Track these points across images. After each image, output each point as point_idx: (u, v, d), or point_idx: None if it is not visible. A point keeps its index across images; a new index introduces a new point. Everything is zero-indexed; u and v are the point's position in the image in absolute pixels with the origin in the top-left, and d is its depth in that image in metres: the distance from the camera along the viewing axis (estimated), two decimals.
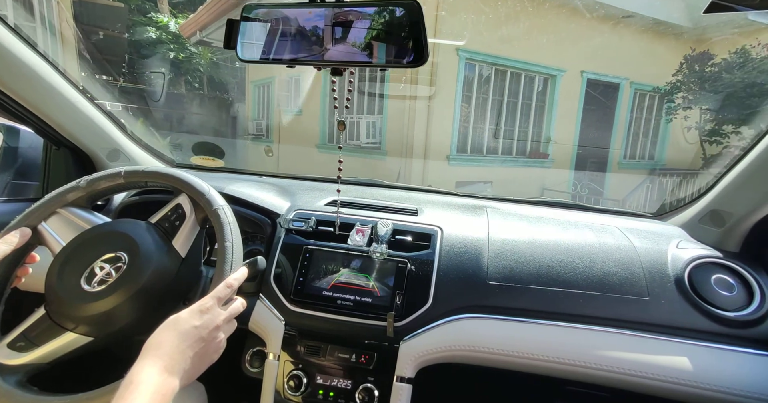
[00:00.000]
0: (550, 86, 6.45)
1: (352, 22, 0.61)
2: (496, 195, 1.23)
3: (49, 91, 0.96)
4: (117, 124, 1.17)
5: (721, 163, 0.96)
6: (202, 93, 7.50)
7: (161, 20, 7.06)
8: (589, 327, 0.81)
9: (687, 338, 0.78)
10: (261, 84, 7.57)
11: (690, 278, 0.84)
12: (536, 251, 0.90)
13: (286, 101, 7.19)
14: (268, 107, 7.58)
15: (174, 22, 7.16)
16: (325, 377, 0.83)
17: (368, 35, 0.60)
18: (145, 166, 0.78)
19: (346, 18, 0.61)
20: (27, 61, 0.89)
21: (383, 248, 0.88)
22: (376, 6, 0.59)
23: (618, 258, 0.88)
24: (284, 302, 0.87)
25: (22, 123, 1.04)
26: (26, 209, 0.74)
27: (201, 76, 7.34)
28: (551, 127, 6.57)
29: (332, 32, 0.62)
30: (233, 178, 1.25)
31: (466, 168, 5.96)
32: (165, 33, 7.04)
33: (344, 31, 0.61)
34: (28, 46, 0.89)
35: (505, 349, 0.80)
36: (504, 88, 6.13)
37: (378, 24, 0.60)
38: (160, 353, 0.53)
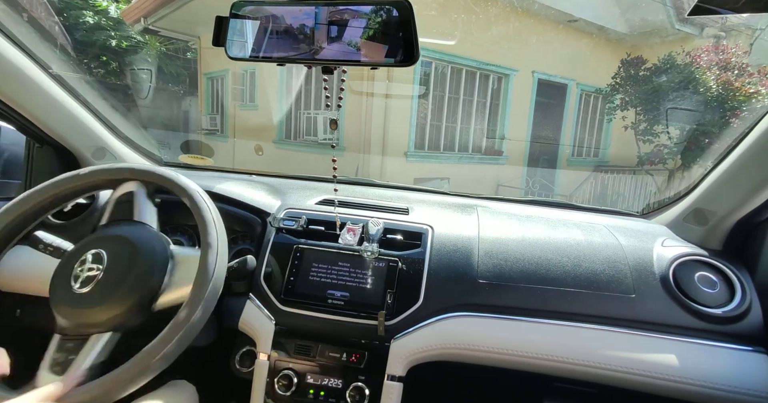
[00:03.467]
0: (504, 85, 6.60)
1: (342, 21, 0.60)
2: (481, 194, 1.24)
3: (30, 87, 0.94)
4: (103, 121, 1.15)
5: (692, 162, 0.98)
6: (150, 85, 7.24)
7: (99, 4, 6.66)
8: (577, 324, 0.82)
9: (672, 334, 0.80)
10: (215, 77, 7.33)
11: (675, 276, 0.86)
12: (526, 249, 0.91)
13: (241, 95, 6.98)
14: (222, 101, 7.36)
15: (115, 6, 6.75)
16: (316, 377, 0.83)
17: (359, 34, 0.60)
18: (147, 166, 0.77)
19: (337, 16, 0.61)
20: (7, 56, 0.87)
21: (374, 247, 0.88)
22: (367, 4, 0.59)
23: (605, 256, 0.90)
24: (274, 302, 0.87)
25: (3, 120, 1.01)
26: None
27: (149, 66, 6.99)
28: (505, 125, 6.72)
29: (323, 30, 0.61)
30: (223, 176, 1.23)
31: (424, 164, 6.05)
32: (105, 18, 6.63)
33: (335, 30, 0.61)
34: (9, 40, 0.87)
35: (495, 347, 0.81)
36: (460, 86, 6.24)
37: (369, 22, 0.60)
38: None
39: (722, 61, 5.53)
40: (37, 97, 0.97)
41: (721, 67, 5.53)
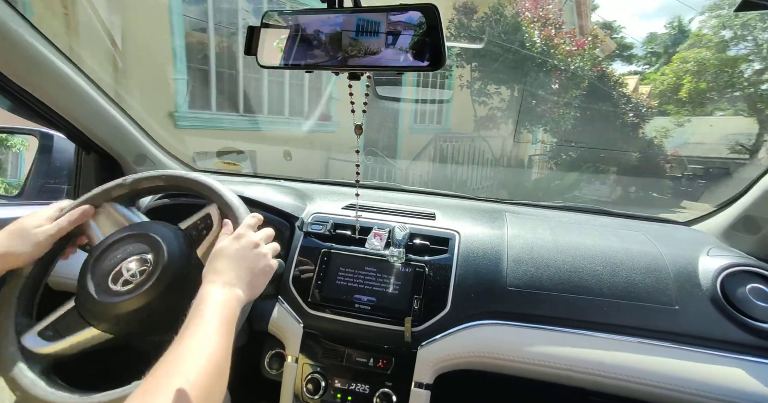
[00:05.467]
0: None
1: (369, 27, 0.61)
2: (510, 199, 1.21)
3: (81, 98, 1.01)
4: (142, 130, 1.21)
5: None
6: None
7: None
8: (613, 336, 0.78)
9: (720, 350, 0.75)
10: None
11: (723, 287, 0.80)
12: (557, 256, 0.88)
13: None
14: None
15: None
16: (343, 381, 0.83)
17: (385, 39, 0.60)
18: (184, 171, 0.81)
19: (364, 23, 0.61)
20: (61, 70, 0.93)
21: (401, 252, 0.87)
22: (394, 11, 0.59)
23: (644, 265, 0.85)
24: (303, 305, 0.88)
25: (56, 129, 1.08)
26: (77, 200, 0.79)
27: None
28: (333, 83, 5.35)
29: (349, 37, 0.62)
30: (253, 181, 1.27)
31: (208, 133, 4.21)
32: None
33: (361, 36, 0.62)
34: (61, 54, 0.93)
35: (525, 357, 0.78)
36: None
37: (395, 28, 0.60)
38: (217, 275, 0.61)
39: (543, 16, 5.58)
40: (86, 108, 1.03)
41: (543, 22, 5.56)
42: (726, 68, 13.56)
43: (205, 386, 0.46)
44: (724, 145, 14.81)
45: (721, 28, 13.56)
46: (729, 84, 13.93)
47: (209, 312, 0.55)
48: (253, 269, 0.65)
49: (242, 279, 0.62)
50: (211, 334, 0.52)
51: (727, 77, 13.53)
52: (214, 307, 0.56)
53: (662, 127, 13.15)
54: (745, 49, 13.10)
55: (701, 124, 15.55)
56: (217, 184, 0.78)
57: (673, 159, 12.38)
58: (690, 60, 13.59)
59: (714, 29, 13.70)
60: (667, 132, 13.38)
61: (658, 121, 13.33)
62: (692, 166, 13.13)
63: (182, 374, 0.46)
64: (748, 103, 14.15)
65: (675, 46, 17.31)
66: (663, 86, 14.08)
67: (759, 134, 13.50)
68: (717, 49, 13.56)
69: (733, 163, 13.90)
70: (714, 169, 13.16)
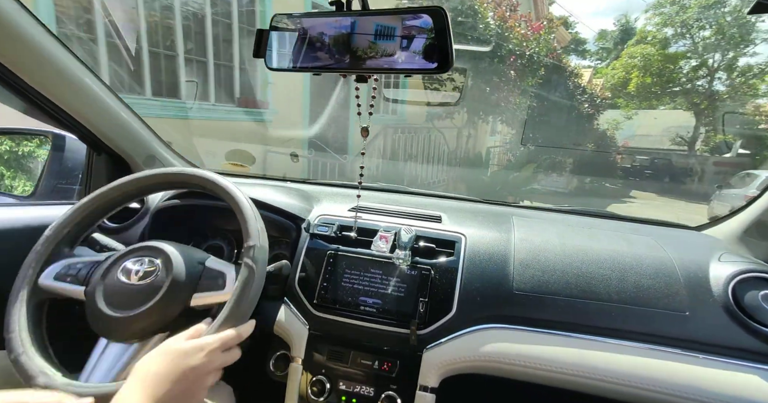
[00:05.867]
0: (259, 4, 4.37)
1: (377, 30, 0.61)
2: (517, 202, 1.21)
3: (92, 100, 1.02)
4: (152, 131, 1.22)
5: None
6: None
7: None
8: (622, 342, 0.77)
9: (731, 357, 0.73)
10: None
11: (735, 294, 0.79)
12: (565, 260, 0.87)
13: None
14: None
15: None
16: (348, 384, 0.83)
17: (394, 42, 0.61)
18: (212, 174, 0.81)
19: (372, 26, 0.61)
20: (73, 72, 0.95)
21: (407, 255, 0.87)
22: (402, 13, 0.59)
23: (654, 270, 0.84)
24: (308, 307, 0.88)
25: (68, 130, 1.10)
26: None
27: None
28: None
29: (358, 40, 0.62)
30: (260, 183, 1.28)
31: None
32: None
33: (370, 39, 0.62)
34: (74, 56, 0.95)
35: (532, 361, 0.77)
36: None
37: (403, 31, 0.60)
38: (148, 382, 0.53)
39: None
40: (98, 110, 1.05)
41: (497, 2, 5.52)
42: (668, 64, 14.03)
43: None
44: (667, 137, 15.23)
45: (663, 25, 14.06)
46: (670, 79, 14.38)
47: None
48: (186, 396, 0.56)
49: (171, 398, 0.54)
50: None
51: (669, 73, 14.09)
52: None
53: (614, 119, 13.83)
54: (684, 46, 13.88)
55: (647, 117, 15.88)
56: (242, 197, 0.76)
57: (623, 150, 12.84)
58: (636, 55, 14.20)
59: (657, 26, 14.30)
60: (618, 124, 13.80)
61: (609, 114, 13.61)
62: (640, 157, 13.69)
63: None
64: (686, 97, 14.49)
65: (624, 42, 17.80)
66: (614, 80, 14.66)
67: (695, 127, 14.16)
68: (660, 46, 14.09)
69: (674, 155, 14.55)
70: (658, 160, 13.75)
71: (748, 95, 13.51)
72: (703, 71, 13.91)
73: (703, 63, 13.79)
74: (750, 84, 13.44)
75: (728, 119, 13.14)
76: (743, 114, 13.24)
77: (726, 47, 13.35)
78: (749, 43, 13.16)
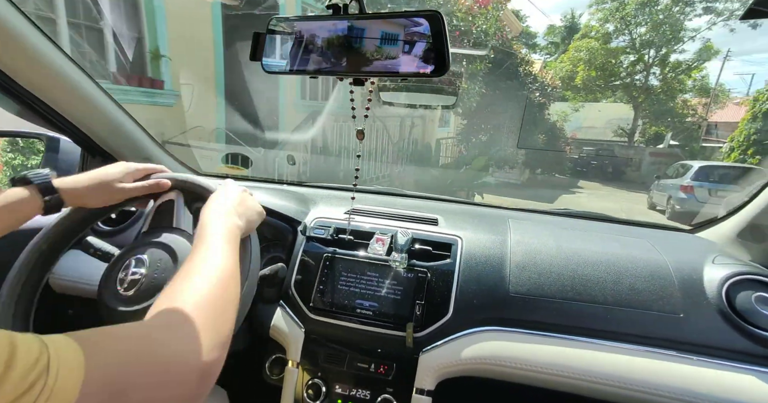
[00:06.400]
0: None
1: (374, 34, 0.61)
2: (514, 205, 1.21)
3: (86, 102, 1.02)
4: (147, 134, 1.22)
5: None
6: None
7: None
8: (617, 344, 0.77)
9: (725, 359, 0.74)
10: None
11: (728, 296, 0.79)
12: (560, 263, 0.87)
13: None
14: None
15: None
16: (344, 387, 0.83)
17: (390, 46, 0.61)
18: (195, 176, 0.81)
19: (369, 29, 0.62)
20: (67, 74, 0.95)
21: (403, 258, 0.87)
22: (399, 17, 0.60)
23: (649, 273, 0.84)
24: (304, 310, 0.88)
25: (62, 133, 1.09)
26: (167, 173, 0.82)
27: None
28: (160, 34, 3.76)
29: (354, 43, 0.62)
30: (256, 186, 1.27)
31: None
32: None
33: (366, 43, 0.62)
34: (68, 58, 0.94)
35: (528, 363, 0.77)
36: None
37: (400, 34, 0.60)
38: (214, 209, 0.63)
39: None
40: (92, 112, 1.04)
41: None
42: (610, 58, 14.86)
43: (215, 300, 0.47)
44: (609, 129, 15.85)
45: (605, 21, 14.84)
46: (612, 73, 15.23)
47: (211, 237, 0.57)
48: (246, 207, 0.69)
49: (237, 212, 0.66)
50: (217, 253, 0.54)
51: (611, 67, 14.94)
52: (217, 229, 0.58)
53: (562, 111, 14.57)
54: (623, 42, 14.76)
55: (592, 110, 16.93)
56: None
57: (572, 142, 13.35)
58: (582, 49, 14.99)
59: (600, 22, 15.09)
60: (566, 116, 14.57)
61: (559, 106, 14.34)
62: (586, 148, 14.61)
63: (193, 291, 0.47)
64: (626, 91, 15.32)
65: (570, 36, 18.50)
66: (562, 73, 15.32)
67: (634, 119, 15.08)
68: (603, 40, 14.90)
69: (616, 146, 15.24)
70: (602, 151, 14.71)
71: (677, 90, 14.61)
72: (640, 66, 14.82)
73: (640, 58, 14.68)
74: (679, 79, 14.55)
75: (661, 112, 14.24)
76: (674, 108, 14.33)
77: (659, 44, 14.29)
78: (679, 41, 14.20)
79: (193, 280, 0.48)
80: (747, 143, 9.73)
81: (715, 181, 7.19)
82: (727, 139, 11.36)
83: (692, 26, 14.16)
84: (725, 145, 11.21)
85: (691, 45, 21.75)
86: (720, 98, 16.06)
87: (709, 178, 7.25)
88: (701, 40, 14.49)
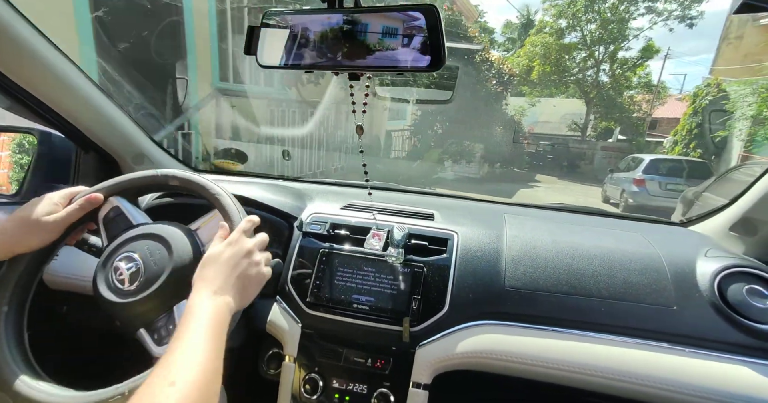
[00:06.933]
0: None
1: (369, 27, 0.61)
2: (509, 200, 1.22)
3: (79, 97, 1.00)
4: (141, 128, 1.20)
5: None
6: None
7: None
8: (611, 337, 0.78)
9: (718, 350, 0.75)
10: None
11: (720, 288, 0.80)
12: (555, 257, 0.88)
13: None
14: None
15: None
16: (341, 381, 0.83)
17: (386, 40, 0.60)
18: (188, 173, 0.80)
19: (364, 23, 0.61)
20: (60, 69, 0.93)
21: (399, 253, 0.87)
22: (394, 11, 0.59)
23: (642, 266, 0.85)
24: (301, 305, 0.88)
25: (54, 128, 1.08)
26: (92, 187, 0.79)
27: None
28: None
29: (350, 37, 0.62)
30: (252, 181, 1.27)
31: None
32: None
33: (362, 36, 0.62)
34: (60, 53, 0.93)
35: (523, 357, 0.78)
36: None
37: (396, 29, 0.60)
38: (207, 282, 0.60)
39: None
40: (85, 107, 1.03)
41: None
42: (564, 54, 15.37)
43: (196, 397, 0.47)
44: (564, 123, 16.31)
45: (558, 16, 15.30)
46: (566, 68, 15.75)
47: (198, 323, 0.54)
48: (245, 277, 0.64)
49: (233, 287, 0.62)
50: (200, 345, 0.52)
51: (565, 62, 15.47)
52: (203, 317, 0.55)
53: (519, 106, 14.96)
54: (576, 38, 15.30)
55: (548, 105, 17.45)
56: (220, 191, 0.77)
57: (529, 136, 13.57)
58: (537, 44, 15.46)
59: (554, 17, 15.54)
60: (523, 111, 14.99)
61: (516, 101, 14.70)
62: (543, 142, 14.98)
63: (174, 385, 0.46)
64: (579, 86, 15.87)
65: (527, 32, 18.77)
66: (519, 68, 15.71)
67: (587, 114, 15.61)
68: (557, 36, 15.39)
69: (571, 140, 15.70)
70: (558, 145, 15.05)
71: (624, 86, 15.27)
72: (591, 62, 15.44)
73: (591, 54, 15.29)
74: (626, 76, 15.19)
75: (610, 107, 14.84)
76: (621, 103, 14.95)
77: (607, 41, 14.89)
78: (625, 39, 14.79)
79: (174, 381, 0.47)
80: (689, 137, 10.04)
81: (666, 174, 7.35)
82: (670, 133, 11.75)
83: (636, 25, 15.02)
84: (668, 139, 11.60)
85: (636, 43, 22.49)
86: (661, 95, 16.77)
87: (660, 172, 7.39)
88: (644, 38, 15.17)
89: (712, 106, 9.40)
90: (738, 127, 8.37)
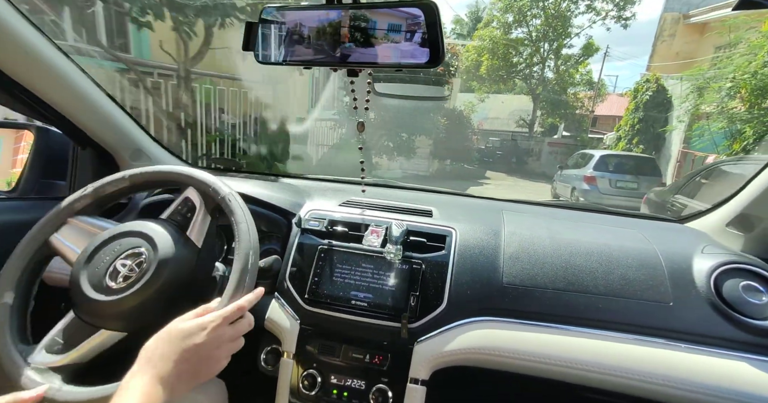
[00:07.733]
0: None
1: (368, 24, 0.61)
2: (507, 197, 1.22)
3: (76, 93, 1.00)
4: (138, 124, 1.20)
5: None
6: None
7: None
8: (608, 333, 0.79)
9: (714, 346, 0.75)
10: None
11: (716, 284, 0.81)
12: (553, 253, 0.88)
13: None
14: None
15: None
16: (339, 377, 0.84)
17: (384, 36, 0.60)
18: (151, 166, 0.80)
19: (363, 19, 0.61)
20: (57, 65, 0.93)
21: (398, 249, 0.88)
22: (393, 7, 0.59)
23: (639, 262, 0.86)
24: (299, 302, 0.88)
25: (51, 124, 1.08)
26: (36, 223, 0.77)
27: None
28: None
29: (348, 33, 0.62)
30: (250, 178, 1.27)
31: None
32: None
33: (361, 33, 0.61)
34: (57, 49, 0.93)
35: (521, 353, 0.78)
36: None
37: (394, 25, 0.60)
38: (154, 362, 0.53)
39: None
40: (82, 103, 1.02)
41: None
42: (511, 49, 15.51)
43: None
44: (512, 119, 16.52)
45: (505, 11, 15.39)
46: (513, 64, 15.85)
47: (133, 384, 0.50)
48: (197, 373, 0.56)
49: (176, 378, 0.53)
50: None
51: (512, 57, 15.61)
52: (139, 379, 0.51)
53: (469, 102, 15.25)
54: (522, 33, 15.41)
55: (497, 101, 17.62)
56: (186, 169, 0.77)
57: (479, 132, 13.73)
58: (486, 38, 15.49)
59: (501, 11, 15.61)
60: (473, 107, 15.18)
61: (465, 97, 15.05)
62: (492, 138, 15.22)
63: None
64: (526, 82, 16.09)
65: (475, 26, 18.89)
66: (468, 62, 15.80)
67: (533, 110, 15.86)
68: (504, 30, 15.52)
69: (519, 136, 16.01)
70: (506, 142, 15.07)
71: (568, 83, 15.52)
72: (537, 58, 15.59)
73: (537, 50, 15.43)
74: (569, 73, 15.46)
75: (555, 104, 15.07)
76: (566, 100, 15.21)
77: (552, 37, 15.08)
78: (567, 36, 15.04)
79: None
80: (632, 132, 10.12)
81: (615, 171, 7.16)
82: (613, 129, 11.89)
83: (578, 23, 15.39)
84: (608, 135, 11.72)
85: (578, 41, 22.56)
86: (601, 92, 17.16)
87: (610, 168, 7.20)
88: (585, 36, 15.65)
89: (651, 102, 9.52)
90: (676, 123, 8.45)
